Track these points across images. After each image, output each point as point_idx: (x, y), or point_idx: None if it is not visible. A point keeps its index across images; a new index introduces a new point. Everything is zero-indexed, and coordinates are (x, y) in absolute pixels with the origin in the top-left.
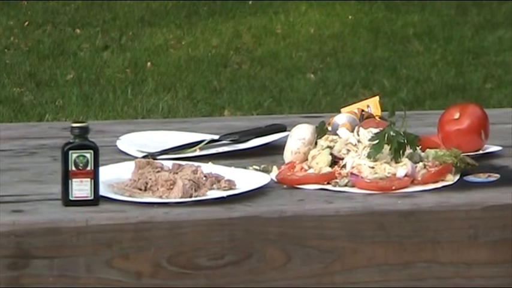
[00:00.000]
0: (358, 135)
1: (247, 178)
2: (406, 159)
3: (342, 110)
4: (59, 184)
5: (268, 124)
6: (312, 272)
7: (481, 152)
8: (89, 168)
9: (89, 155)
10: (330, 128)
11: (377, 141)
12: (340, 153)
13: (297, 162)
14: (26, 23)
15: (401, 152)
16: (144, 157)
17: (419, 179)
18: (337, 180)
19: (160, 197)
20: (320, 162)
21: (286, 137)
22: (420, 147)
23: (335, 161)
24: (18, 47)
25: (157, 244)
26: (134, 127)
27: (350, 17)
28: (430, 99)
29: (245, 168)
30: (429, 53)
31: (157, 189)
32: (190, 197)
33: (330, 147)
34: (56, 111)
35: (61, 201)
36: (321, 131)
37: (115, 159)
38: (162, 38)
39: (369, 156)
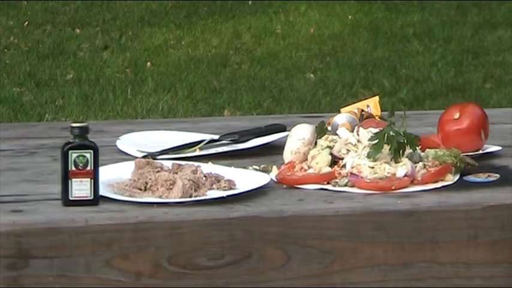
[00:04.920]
0: (357, 135)
1: (247, 178)
2: (406, 159)
3: (342, 110)
4: (59, 184)
5: (268, 124)
6: (311, 272)
7: (480, 152)
8: (88, 168)
9: (88, 155)
10: (329, 128)
11: (377, 141)
12: (340, 153)
13: (297, 162)
14: (26, 23)
15: (401, 152)
16: (144, 157)
17: (419, 179)
18: (337, 180)
19: (160, 196)
20: (320, 162)
21: (286, 137)
22: (420, 147)
23: (335, 161)
24: (18, 47)
25: (157, 244)
26: (134, 127)
27: (350, 17)
28: (429, 99)
29: (245, 168)
30: (429, 53)
31: (157, 189)
32: (190, 197)
33: (330, 147)
34: (55, 111)
35: (61, 201)
36: (320, 131)
37: (115, 159)
38: (162, 38)
39: (368, 156)
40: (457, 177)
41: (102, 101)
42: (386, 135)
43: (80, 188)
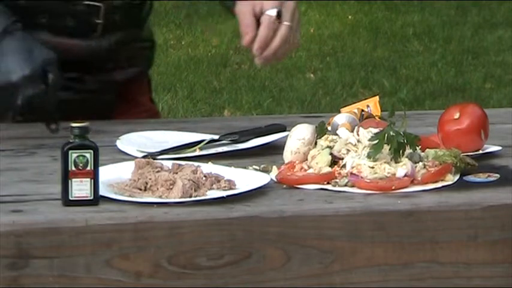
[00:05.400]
0: (358, 135)
1: (247, 178)
2: (406, 159)
3: (342, 110)
4: (59, 184)
5: (268, 124)
6: (311, 272)
7: (480, 152)
8: (88, 168)
9: (88, 155)
10: (329, 128)
11: (377, 141)
12: (340, 153)
13: (297, 162)
14: None
15: (401, 152)
16: (144, 157)
17: (419, 179)
18: (337, 180)
19: (160, 197)
20: (320, 162)
21: (286, 137)
22: (420, 147)
23: (335, 161)
24: None
25: (157, 244)
26: (134, 127)
27: (350, 17)
28: (429, 99)
29: (245, 168)
30: (429, 53)
31: (157, 189)
32: (190, 197)
33: (330, 147)
34: None
35: (61, 201)
36: (320, 131)
37: (115, 159)
38: (162, 38)
39: (368, 156)
40: (457, 177)
41: None
42: (386, 135)
43: (80, 188)
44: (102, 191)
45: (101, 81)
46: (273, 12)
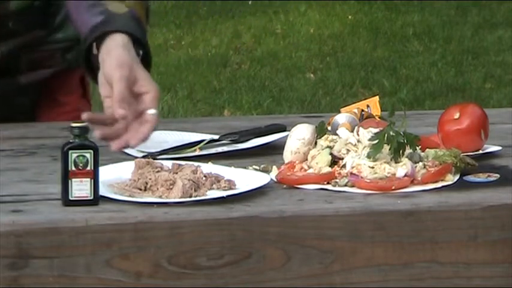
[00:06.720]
0: (357, 135)
1: (247, 178)
2: (406, 159)
3: (342, 110)
4: (59, 184)
5: (268, 124)
6: (311, 272)
7: (480, 152)
8: (88, 168)
9: (88, 154)
10: (329, 128)
11: (377, 141)
12: (340, 153)
13: (297, 162)
14: None
15: (401, 152)
16: (144, 157)
17: (419, 179)
18: (337, 180)
19: (160, 196)
20: (320, 162)
21: (286, 137)
22: (420, 147)
23: (335, 161)
24: None
25: (157, 244)
26: None
27: (350, 17)
28: (429, 99)
29: (245, 168)
30: (429, 53)
31: (157, 189)
32: (190, 196)
33: (330, 147)
34: None
35: (61, 201)
36: (320, 131)
37: (115, 159)
38: (162, 38)
39: (368, 156)
40: (457, 177)
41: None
42: (386, 135)
43: (80, 188)
44: (102, 191)
45: (5, 85)
46: (152, 111)
